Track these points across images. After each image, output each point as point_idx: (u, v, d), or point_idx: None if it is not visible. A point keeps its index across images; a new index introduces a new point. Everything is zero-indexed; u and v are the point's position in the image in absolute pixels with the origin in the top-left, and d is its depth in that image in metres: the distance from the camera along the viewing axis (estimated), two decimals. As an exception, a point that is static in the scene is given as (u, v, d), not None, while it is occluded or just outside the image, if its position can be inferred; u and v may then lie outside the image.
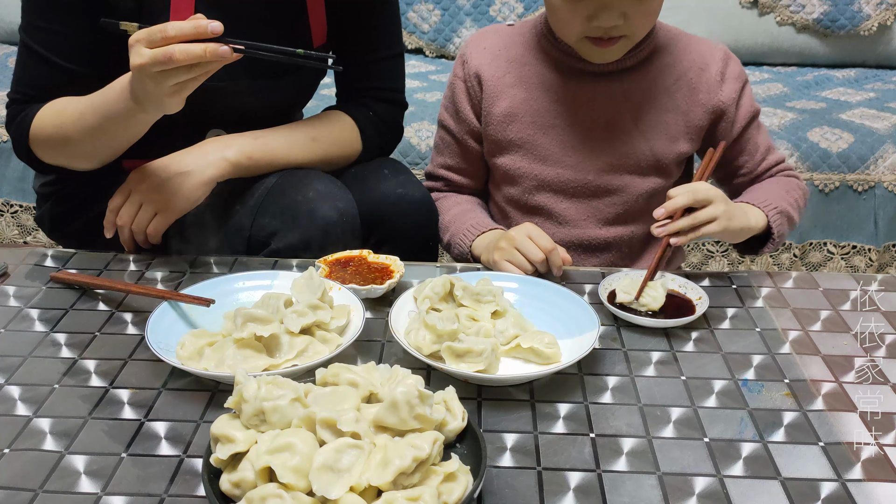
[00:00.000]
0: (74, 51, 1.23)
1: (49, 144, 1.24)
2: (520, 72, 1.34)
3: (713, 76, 1.32)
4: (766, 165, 1.37)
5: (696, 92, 1.32)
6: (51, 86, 1.24)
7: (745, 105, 1.34)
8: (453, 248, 1.36)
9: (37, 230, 2.41)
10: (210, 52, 1.01)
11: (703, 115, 1.33)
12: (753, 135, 1.36)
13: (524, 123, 1.34)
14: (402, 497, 0.71)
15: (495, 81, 1.34)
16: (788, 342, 1.07)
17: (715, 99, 1.32)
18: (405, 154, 2.23)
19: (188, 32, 1.01)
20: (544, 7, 1.29)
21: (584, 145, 1.33)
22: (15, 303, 1.13)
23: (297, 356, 0.96)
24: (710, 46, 1.35)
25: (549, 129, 1.33)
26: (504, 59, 1.35)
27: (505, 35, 1.38)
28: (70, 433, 0.87)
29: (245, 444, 0.75)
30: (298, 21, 1.34)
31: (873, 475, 0.83)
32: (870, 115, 2.36)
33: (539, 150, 1.34)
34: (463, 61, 1.38)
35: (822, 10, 2.71)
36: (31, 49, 1.23)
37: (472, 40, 1.40)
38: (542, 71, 1.33)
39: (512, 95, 1.34)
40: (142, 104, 1.10)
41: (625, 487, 0.81)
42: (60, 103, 1.22)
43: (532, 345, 0.98)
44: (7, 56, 2.78)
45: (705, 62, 1.33)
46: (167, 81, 1.03)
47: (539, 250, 1.17)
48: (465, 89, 1.38)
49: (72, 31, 1.22)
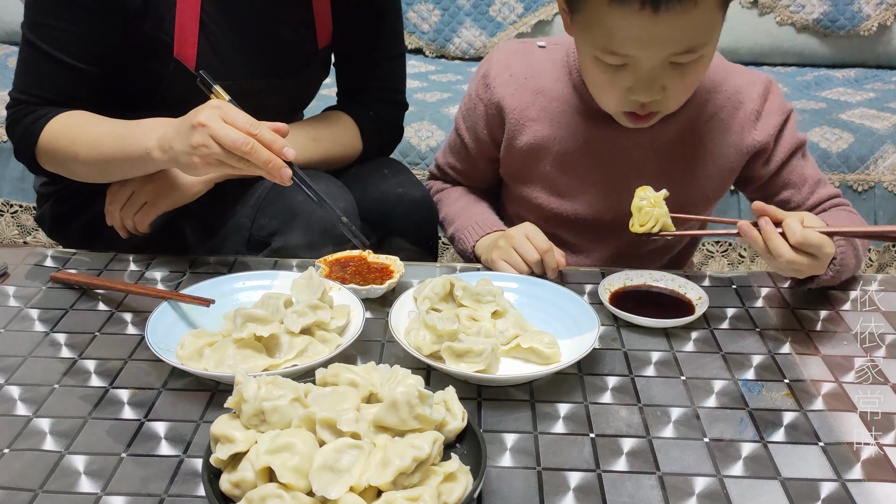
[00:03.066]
0: (83, 49, 1.20)
1: (57, 160, 1.22)
2: (545, 105, 1.27)
3: (748, 115, 1.24)
4: (815, 199, 1.27)
5: (728, 132, 1.25)
6: (58, 85, 1.21)
7: (786, 138, 1.25)
8: (456, 243, 1.35)
9: (37, 230, 2.41)
10: (273, 168, 1.03)
11: (735, 157, 1.26)
12: (798, 166, 1.27)
13: (545, 160, 1.29)
14: (402, 497, 0.71)
15: (518, 114, 1.28)
16: (788, 342, 1.07)
17: (749, 139, 1.24)
18: (405, 154, 2.23)
19: (269, 143, 1.03)
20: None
21: (605, 186, 1.28)
22: (15, 303, 1.13)
23: (297, 356, 0.96)
24: (748, 80, 1.26)
25: (570, 167, 1.28)
26: (530, 88, 1.27)
27: (533, 60, 1.29)
28: (70, 433, 0.87)
29: (245, 445, 0.75)
30: (304, 21, 1.34)
31: (873, 475, 0.83)
32: (870, 115, 2.36)
33: (558, 186, 1.30)
34: (486, 84, 1.30)
35: (822, 10, 2.71)
36: (37, 47, 1.19)
37: (497, 60, 1.31)
38: (568, 109, 1.26)
39: (535, 130, 1.27)
40: (167, 154, 1.07)
41: (625, 487, 0.81)
42: (75, 120, 1.20)
43: (532, 345, 0.98)
44: (7, 56, 2.78)
45: (740, 99, 1.24)
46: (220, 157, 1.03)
47: (535, 250, 1.17)
48: (485, 114, 1.31)
49: (80, 29, 1.18)
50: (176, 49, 1.22)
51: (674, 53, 1.06)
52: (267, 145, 1.03)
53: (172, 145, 1.06)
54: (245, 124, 1.02)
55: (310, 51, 1.37)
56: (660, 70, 1.08)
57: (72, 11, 1.17)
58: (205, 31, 1.24)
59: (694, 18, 1.02)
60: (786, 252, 1.01)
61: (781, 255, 1.01)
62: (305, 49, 1.36)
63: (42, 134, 1.20)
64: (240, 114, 1.04)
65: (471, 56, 2.89)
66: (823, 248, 1.01)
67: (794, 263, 1.02)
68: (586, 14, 1.08)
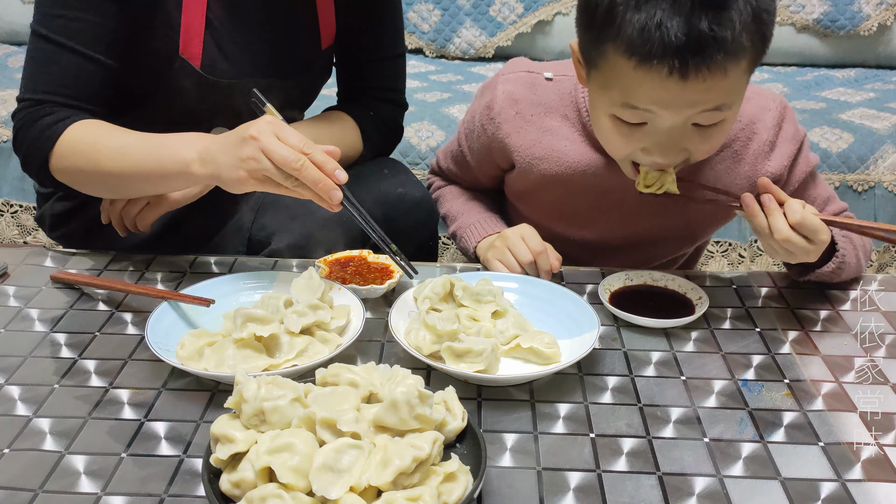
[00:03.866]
0: (97, 38, 1.15)
1: (74, 169, 1.15)
2: (552, 144, 1.24)
3: (762, 145, 1.21)
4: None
5: (741, 163, 1.22)
6: (73, 79, 1.16)
7: (800, 166, 1.23)
8: (458, 241, 1.35)
9: (37, 230, 2.41)
10: (323, 188, 1.00)
11: (747, 188, 1.21)
12: (810, 190, 1.25)
13: (551, 192, 1.27)
14: (402, 497, 0.71)
15: (524, 152, 1.25)
16: (788, 342, 1.07)
17: (761, 170, 1.21)
18: (405, 154, 2.23)
19: (321, 165, 1.00)
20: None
21: (613, 213, 1.27)
22: (15, 303, 1.13)
23: (297, 356, 0.96)
24: (762, 105, 1.22)
25: (578, 198, 1.26)
26: (537, 126, 1.24)
27: (541, 94, 1.25)
28: (70, 433, 0.87)
29: (245, 445, 0.75)
30: (308, 22, 1.34)
31: (873, 475, 0.83)
32: (870, 115, 2.36)
33: (565, 211, 1.29)
34: (491, 118, 1.26)
35: (822, 10, 2.71)
36: (50, 40, 1.14)
37: (502, 93, 1.26)
38: (577, 149, 1.23)
39: (542, 169, 1.25)
40: (209, 168, 1.04)
41: (625, 487, 0.81)
42: (99, 129, 1.14)
43: (532, 345, 0.98)
44: (7, 56, 2.78)
45: (754, 130, 1.21)
46: (269, 172, 1.00)
47: (528, 252, 1.16)
48: (488, 146, 1.29)
49: (94, 18, 1.14)
50: (181, 47, 1.22)
51: (697, 112, 1.02)
52: (319, 166, 1.00)
53: (217, 158, 1.03)
54: (298, 143, 1.00)
55: (313, 51, 1.37)
56: (681, 131, 1.04)
57: (87, 2, 1.14)
58: (210, 30, 1.24)
59: (722, 85, 0.99)
60: (784, 229, 1.03)
61: (779, 230, 1.03)
62: (309, 50, 1.36)
63: (62, 137, 1.13)
64: (293, 132, 1.01)
65: (471, 56, 2.88)
66: (819, 234, 1.04)
67: (789, 243, 1.04)
68: (606, 72, 1.04)
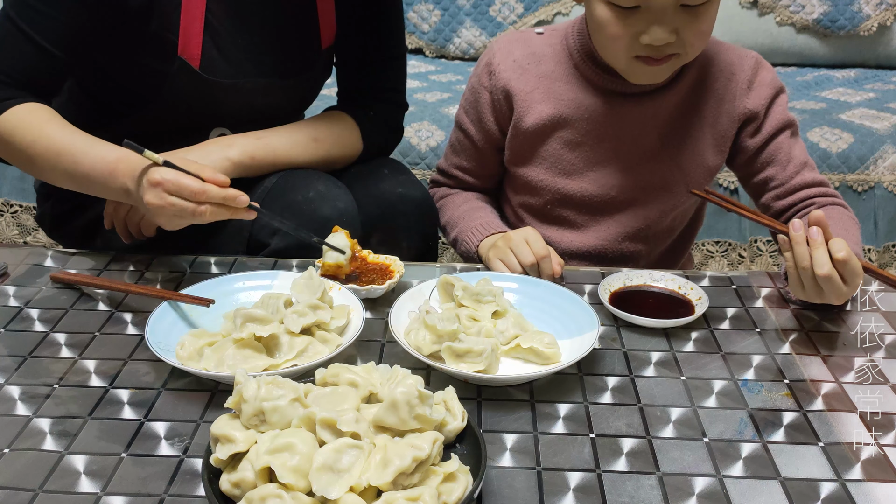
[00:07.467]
0: (63, 38, 1.17)
1: (11, 156, 1.20)
2: (549, 88, 1.30)
3: (740, 84, 1.29)
4: (799, 181, 1.29)
5: (722, 101, 1.29)
6: (27, 68, 1.18)
7: (775, 113, 1.30)
8: (459, 245, 1.35)
9: (37, 230, 2.41)
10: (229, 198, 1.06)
11: (728, 123, 1.30)
12: (785, 144, 1.30)
13: (551, 139, 1.32)
14: (402, 497, 0.71)
15: (524, 97, 1.31)
16: (788, 342, 1.07)
17: (741, 107, 1.29)
18: (405, 154, 2.23)
19: (217, 200, 1.05)
20: (582, 24, 1.26)
21: (611, 163, 1.31)
22: (15, 303, 1.13)
23: (296, 356, 0.96)
24: (739, 54, 1.31)
25: (576, 145, 1.31)
26: (534, 73, 1.31)
27: (535, 46, 1.33)
28: (70, 433, 0.87)
29: (245, 445, 0.75)
30: (308, 22, 1.34)
31: (873, 475, 0.83)
32: (870, 115, 2.36)
33: (564, 165, 1.32)
34: (489, 72, 1.33)
35: (822, 10, 2.71)
36: (17, 25, 1.15)
37: (499, 49, 1.34)
38: (572, 89, 1.30)
39: (540, 111, 1.30)
40: (133, 202, 1.11)
41: (625, 487, 0.81)
42: (38, 125, 1.16)
43: (532, 345, 0.98)
44: None
45: (732, 71, 1.30)
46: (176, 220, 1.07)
47: (531, 254, 1.17)
48: (490, 101, 1.34)
49: (65, 18, 1.16)
50: (180, 48, 1.22)
51: None
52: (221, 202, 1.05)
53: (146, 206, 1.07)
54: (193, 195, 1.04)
55: (313, 52, 1.37)
56: (672, 12, 1.12)
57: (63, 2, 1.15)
58: (209, 30, 1.24)
59: None
60: (827, 264, 0.99)
61: (822, 265, 0.99)
62: (309, 50, 1.36)
63: (5, 114, 1.16)
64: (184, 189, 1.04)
65: (471, 56, 2.89)
66: (856, 278, 1.01)
67: (829, 281, 1.00)
68: None
